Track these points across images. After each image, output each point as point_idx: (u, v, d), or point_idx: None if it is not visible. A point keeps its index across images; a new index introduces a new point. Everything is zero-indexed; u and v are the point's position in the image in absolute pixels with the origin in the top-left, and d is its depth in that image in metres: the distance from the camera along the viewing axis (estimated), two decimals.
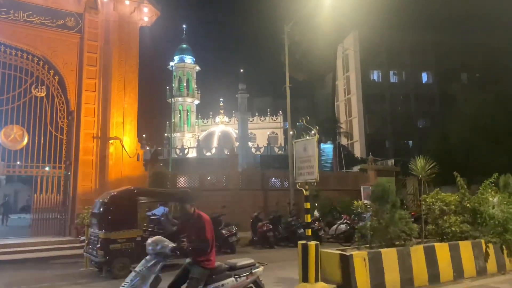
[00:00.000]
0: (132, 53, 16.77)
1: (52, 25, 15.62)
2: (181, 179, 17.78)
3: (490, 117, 22.92)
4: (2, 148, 14.45)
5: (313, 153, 7.51)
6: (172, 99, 54.00)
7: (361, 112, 47.85)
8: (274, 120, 56.11)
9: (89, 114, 15.74)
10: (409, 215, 8.44)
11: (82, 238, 11.40)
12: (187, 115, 54.42)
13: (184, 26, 57.81)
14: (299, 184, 7.83)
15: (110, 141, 15.62)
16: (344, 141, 47.76)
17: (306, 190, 7.65)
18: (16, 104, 14.76)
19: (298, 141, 7.97)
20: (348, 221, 15.65)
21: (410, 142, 48.16)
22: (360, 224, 9.15)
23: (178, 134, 53.10)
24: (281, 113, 55.72)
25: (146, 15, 17.41)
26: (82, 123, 15.56)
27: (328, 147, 32.49)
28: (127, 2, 16.49)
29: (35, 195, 14.83)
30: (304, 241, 7.49)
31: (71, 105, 15.66)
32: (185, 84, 54.41)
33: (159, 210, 11.14)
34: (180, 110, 54.26)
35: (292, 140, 12.00)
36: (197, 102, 56.00)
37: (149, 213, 11.42)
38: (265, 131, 54.30)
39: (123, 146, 15.83)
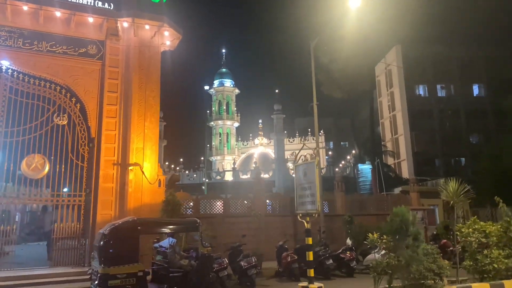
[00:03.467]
0: (153, 77, 16.55)
1: (74, 53, 15.78)
2: (202, 205, 17.07)
3: None
4: (23, 177, 14.53)
5: (313, 178, 6.48)
6: (213, 123, 54.45)
7: (407, 130, 45.31)
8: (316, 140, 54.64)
9: (110, 140, 15.55)
10: (437, 250, 7.08)
11: (89, 271, 10.86)
12: (227, 138, 54.52)
13: (223, 50, 58.75)
14: (300, 215, 6.78)
15: (130, 168, 15.28)
16: (390, 160, 45.35)
17: (307, 222, 6.60)
18: (38, 133, 14.83)
19: (298, 165, 6.97)
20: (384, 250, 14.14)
21: (463, 159, 44.83)
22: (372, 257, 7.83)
23: (218, 157, 53.16)
24: (322, 132, 54.28)
25: (167, 39, 17.20)
26: (102, 150, 15.38)
27: (366, 168, 30.64)
28: (147, 27, 16.40)
29: (55, 224, 14.68)
30: (305, 283, 6.40)
31: (92, 132, 15.57)
32: (224, 107, 54.83)
33: (166, 242, 10.39)
34: (220, 133, 54.53)
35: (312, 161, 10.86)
36: (236, 124, 56.11)
37: (156, 245, 10.71)
38: (307, 151, 53.01)
39: (143, 172, 15.44)
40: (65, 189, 15.39)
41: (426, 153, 44.04)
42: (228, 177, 44.24)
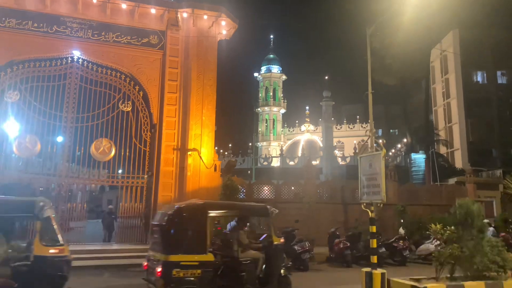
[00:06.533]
0: (210, 66, 17.10)
1: (137, 43, 16.62)
2: (255, 190, 17.61)
3: None
4: (92, 160, 15.70)
5: (379, 170, 6.68)
6: (259, 109, 54.93)
7: (463, 118, 43.46)
8: (364, 128, 53.67)
9: (170, 126, 16.36)
10: (502, 243, 7.09)
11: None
12: (273, 124, 54.91)
13: (271, 36, 58.77)
14: (364, 205, 7.02)
15: (189, 153, 16.04)
16: (442, 150, 43.80)
17: (371, 211, 6.84)
18: (105, 118, 15.91)
19: (363, 156, 7.18)
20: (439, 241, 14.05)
21: None
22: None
23: (264, 143, 53.76)
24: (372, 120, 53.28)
25: (224, 29, 17.68)
26: (163, 135, 16.23)
27: (420, 157, 29.87)
28: (205, 17, 16.92)
29: (121, 204, 15.80)
30: (368, 269, 6.67)
31: (154, 119, 16.44)
32: (271, 94, 55.11)
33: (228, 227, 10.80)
34: (266, 119, 55.01)
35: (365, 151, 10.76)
36: (283, 111, 56.28)
37: (225, 231, 10.79)
38: (354, 139, 52.25)
39: (200, 157, 16.15)
40: (120, 171, 16.41)
41: (482, 143, 42.15)
42: (275, 163, 44.74)
